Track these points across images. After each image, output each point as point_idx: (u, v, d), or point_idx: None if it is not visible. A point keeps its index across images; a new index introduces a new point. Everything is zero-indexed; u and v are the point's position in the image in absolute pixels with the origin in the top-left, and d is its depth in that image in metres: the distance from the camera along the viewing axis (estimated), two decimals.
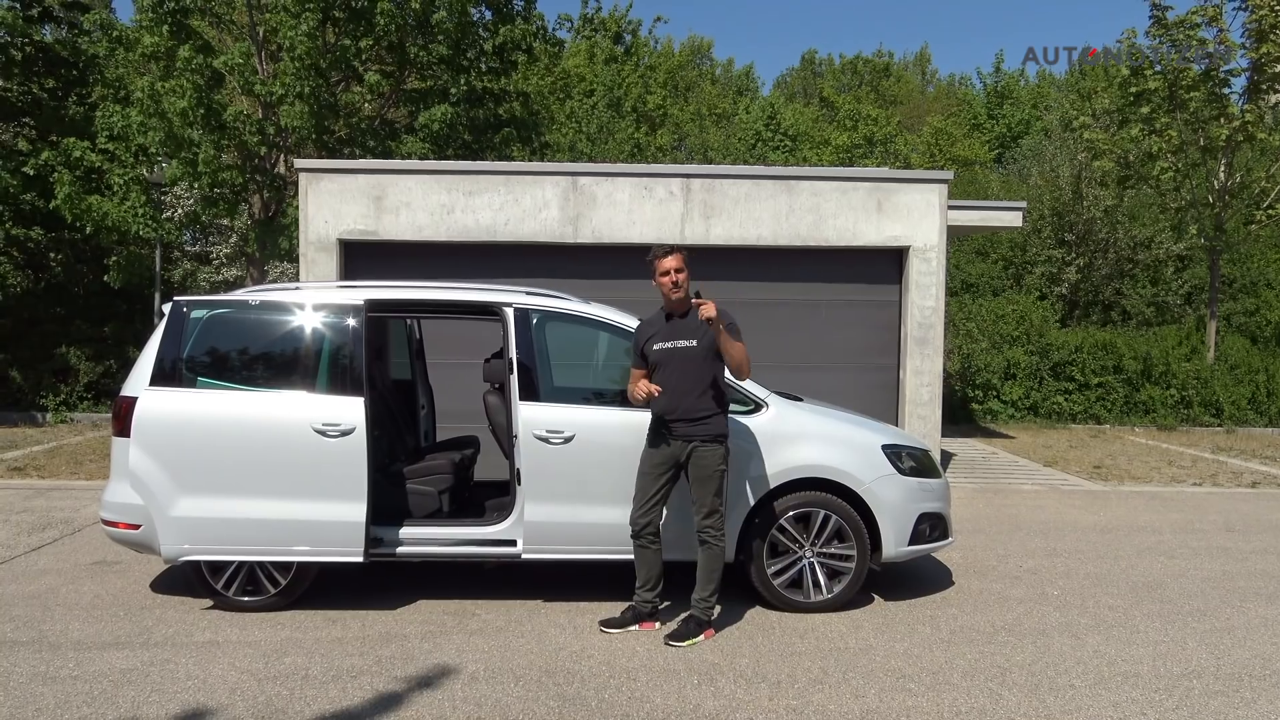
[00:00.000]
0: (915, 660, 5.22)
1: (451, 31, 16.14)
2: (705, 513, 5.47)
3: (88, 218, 14.73)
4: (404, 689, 4.71)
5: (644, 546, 5.58)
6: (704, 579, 5.51)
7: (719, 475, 5.45)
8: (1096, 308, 21.96)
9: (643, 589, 5.63)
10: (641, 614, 5.63)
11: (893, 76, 48.85)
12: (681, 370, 5.42)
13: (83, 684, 4.71)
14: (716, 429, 5.45)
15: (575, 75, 34.62)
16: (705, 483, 5.44)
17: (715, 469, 5.43)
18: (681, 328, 5.49)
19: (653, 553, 5.59)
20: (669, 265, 5.44)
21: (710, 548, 5.49)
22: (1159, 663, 5.24)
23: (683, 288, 5.48)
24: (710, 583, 5.50)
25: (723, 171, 10.87)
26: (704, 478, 5.44)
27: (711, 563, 5.50)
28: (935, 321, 10.67)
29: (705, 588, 5.51)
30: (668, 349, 5.45)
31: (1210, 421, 17.34)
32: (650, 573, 5.62)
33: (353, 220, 10.38)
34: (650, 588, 5.62)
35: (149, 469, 5.65)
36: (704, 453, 5.43)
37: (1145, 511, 9.53)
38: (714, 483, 5.44)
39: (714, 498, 5.45)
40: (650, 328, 5.62)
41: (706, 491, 5.45)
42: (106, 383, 16.55)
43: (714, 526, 5.47)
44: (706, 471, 5.43)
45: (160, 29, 14.45)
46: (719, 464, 5.44)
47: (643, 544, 5.57)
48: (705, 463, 5.43)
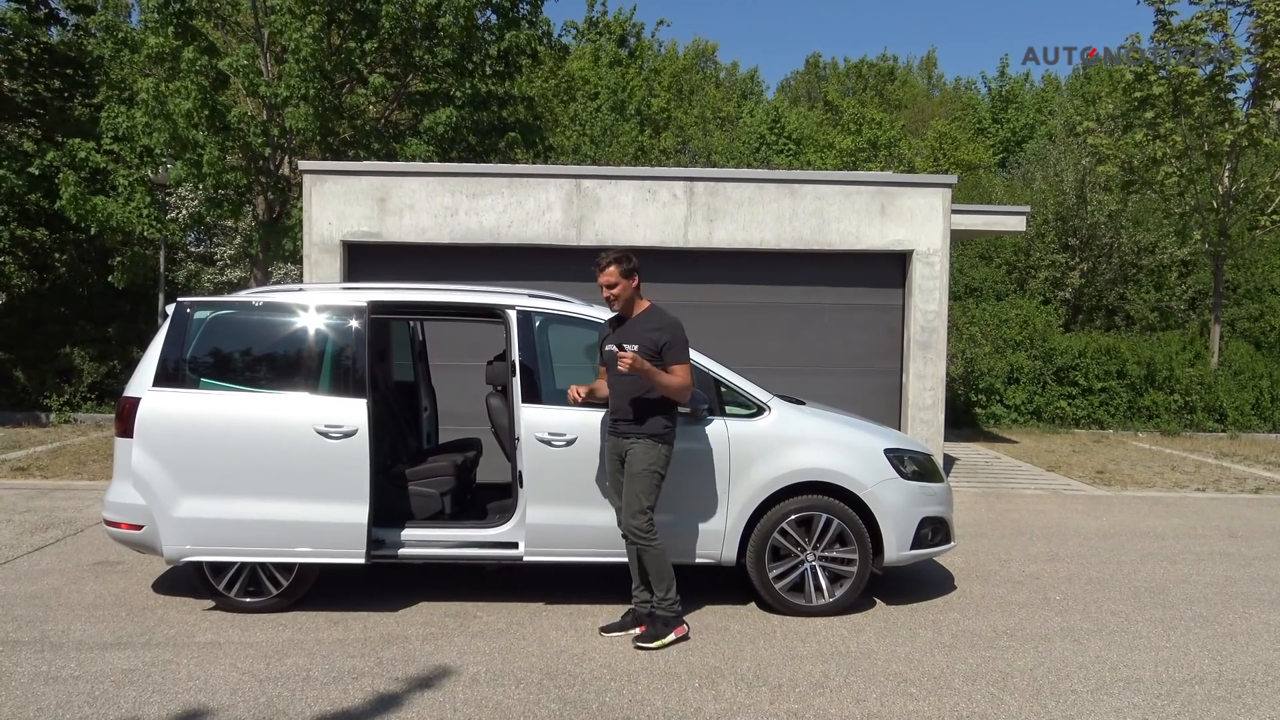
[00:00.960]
0: (917, 664, 5.21)
1: (457, 35, 16.16)
2: (632, 511, 5.42)
3: (92, 218, 14.75)
4: (405, 690, 4.71)
5: (628, 545, 5.57)
6: (654, 580, 5.46)
7: (650, 475, 5.38)
8: (1100, 312, 21.94)
9: (639, 590, 5.62)
10: (640, 616, 5.62)
11: (897, 80, 48.88)
12: (613, 372, 5.46)
13: (84, 684, 4.72)
14: (651, 429, 5.40)
15: (579, 78, 34.66)
16: (635, 480, 5.40)
17: (646, 468, 5.38)
18: (626, 331, 5.51)
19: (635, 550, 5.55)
20: (602, 281, 5.47)
21: (644, 550, 5.43)
22: (1161, 668, 5.23)
23: (620, 299, 5.48)
24: (662, 582, 5.44)
25: (726, 175, 10.88)
26: (634, 475, 5.40)
27: (653, 563, 5.43)
28: (938, 325, 10.67)
29: (659, 588, 5.45)
30: (614, 351, 5.47)
31: (1214, 427, 17.32)
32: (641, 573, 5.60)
33: (356, 222, 10.39)
34: (642, 588, 5.61)
35: (152, 470, 5.66)
36: (637, 450, 5.40)
37: (1148, 517, 9.52)
38: (643, 481, 5.38)
39: (642, 497, 5.39)
40: (608, 328, 5.69)
41: (634, 489, 5.40)
42: (110, 383, 16.58)
43: (640, 527, 5.40)
44: (637, 469, 5.39)
45: (165, 30, 14.48)
46: (651, 463, 5.38)
47: (626, 542, 5.57)
48: (637, 460, 5.40)
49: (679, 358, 5.40)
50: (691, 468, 5.87)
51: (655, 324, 5.45)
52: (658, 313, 5.53)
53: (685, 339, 5.47)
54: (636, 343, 5.39)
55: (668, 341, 5.37)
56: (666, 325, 5.43)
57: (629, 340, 5.44)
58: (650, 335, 5.40)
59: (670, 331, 5.41)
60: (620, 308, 5.55)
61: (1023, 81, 43.94)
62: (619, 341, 5.48)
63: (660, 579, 5.46)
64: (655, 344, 5.37)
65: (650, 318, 5.50)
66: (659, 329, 5.41)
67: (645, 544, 5.42)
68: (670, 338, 5.39)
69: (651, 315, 5.51)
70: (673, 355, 5.38)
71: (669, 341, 5.38)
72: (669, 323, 5.46)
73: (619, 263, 5.46)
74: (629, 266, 5.50)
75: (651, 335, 5.40)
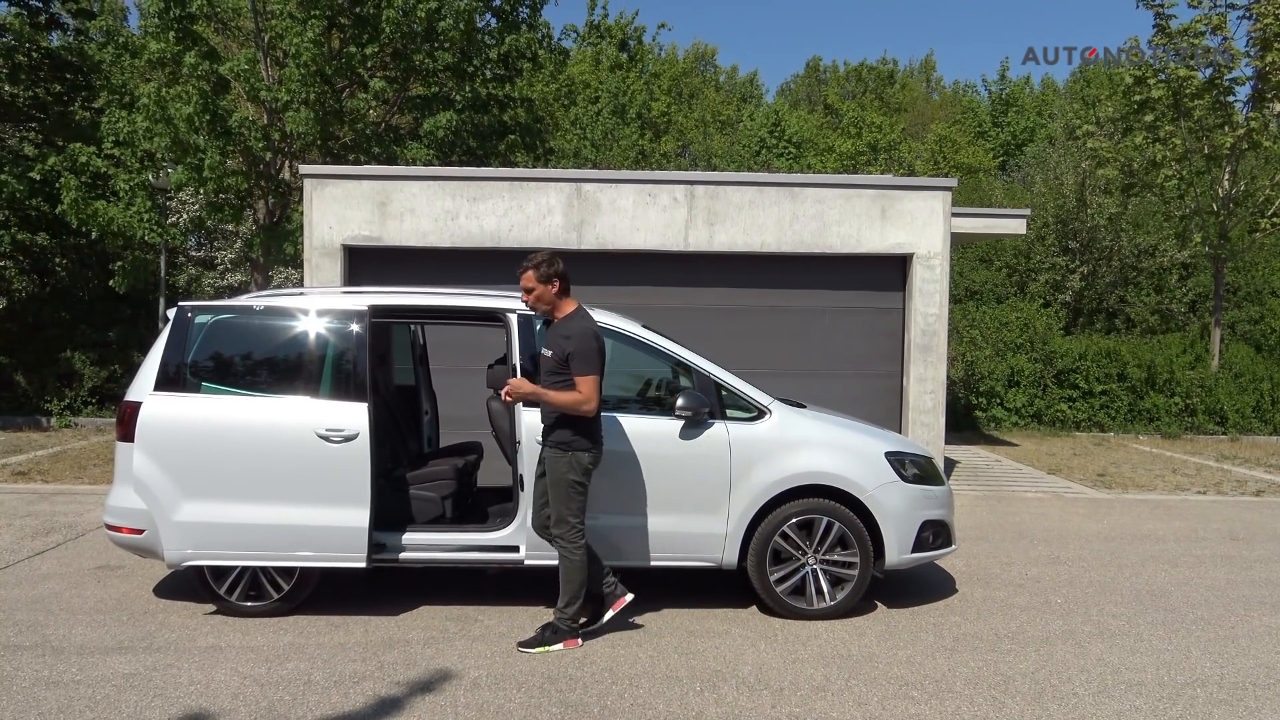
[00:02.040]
0: (918, 668, 5.21)
1: (457, 39, 16.18)
2: (554, 520, 5.38)
3: (93, 223, 14.76)
4: (406, 694, 4.71)
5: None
6: (563, 588, 5.39)
7: (568, 485, 5.31)
8: (1100, 315, 21.95)
9: (598, 586, 5.58)
10: (608, 595, 5.58)
11: (897, 84, 48.91)
12: (544, 377, 5.42)
13: (85, 689, 4.72)
14: (560, 437, 5.34)
15: (580, 82, 34.68)
16: (554, 489, 5.36)
17: (563, 477, 5.31)
18: (549, 336, 5.50)
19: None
20: (521, 285, 5.45)
21: (565, 559, 5.37)
22: (1163, 671, 5.23)
23: (539, 304, 5.46)
24: (568, 593, 5.37)
25: (727, 178, 10.88)
26: (553, 483, 5.37)
27: (569, 573, 5.37)
28: (939, 329, 10.67)
29: (564, 597, 5.38)
30: (540, 355, 5.49)
31: (1214, 429, 17.31)
32: (596, 568, 5.56)
33: (357, 226, 10.40)
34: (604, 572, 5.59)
35: (153, 474, 5.66)
36: (553, 459, 5.36)
37: (1149, 519, 9.51)
38: (561, 490, 5.32)
39: (562, 506, 5.33)
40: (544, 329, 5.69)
41: (556, 499, 5.36)
42: (111, 387, 16.58)
43: (563, 537, 5.35)
44: (554, 478, 5.36)
45: (166, 35, 14.50)
46: (567, 473, 5.31)
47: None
48: (554, 469, 5.36)
49: (582, 369, 5.22)
50: (693, 471, 5.87)
51: (567, 331, 5.33)
52: (573, 320, 5.40)
53: (594, 349, 5.27)
54: (551, 349, 5.36)
55: (572, 352, 5.24)
56: (575, 334, 5.29)
57: (547, 345, 5.42)
58: (560, 343, 5.32)
59: (577, 341, 5.25)
60: (542, 312, 5.53)
61: (1023, 85, 43.98)
62: (543, 345, 5.48)
63: (568, 589, 5.37)
64: (562, 352, 5.28)
65: (565, 324, 5.40)
66: (568, 337, 5.29)
67: (567, 553, 5.36)
68: (575, 348, 5.24)
69: (567, 322, 5.41)
70: (576, 366, 5.22)
71: (573, 352, 5.24)
72: (578, 331, 5.30)
73: (538, 267, 5.40)
74: (549, 271, 5.40)
75: (561, 343, 5.32)
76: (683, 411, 5.83)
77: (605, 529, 5.82)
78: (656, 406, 6.17)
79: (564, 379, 5.28)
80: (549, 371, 5.37)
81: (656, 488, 5.87)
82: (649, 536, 5.89)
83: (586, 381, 5.23)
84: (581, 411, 5.26)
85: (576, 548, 5.36)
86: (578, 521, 5.36)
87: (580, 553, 5.37)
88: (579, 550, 5.36)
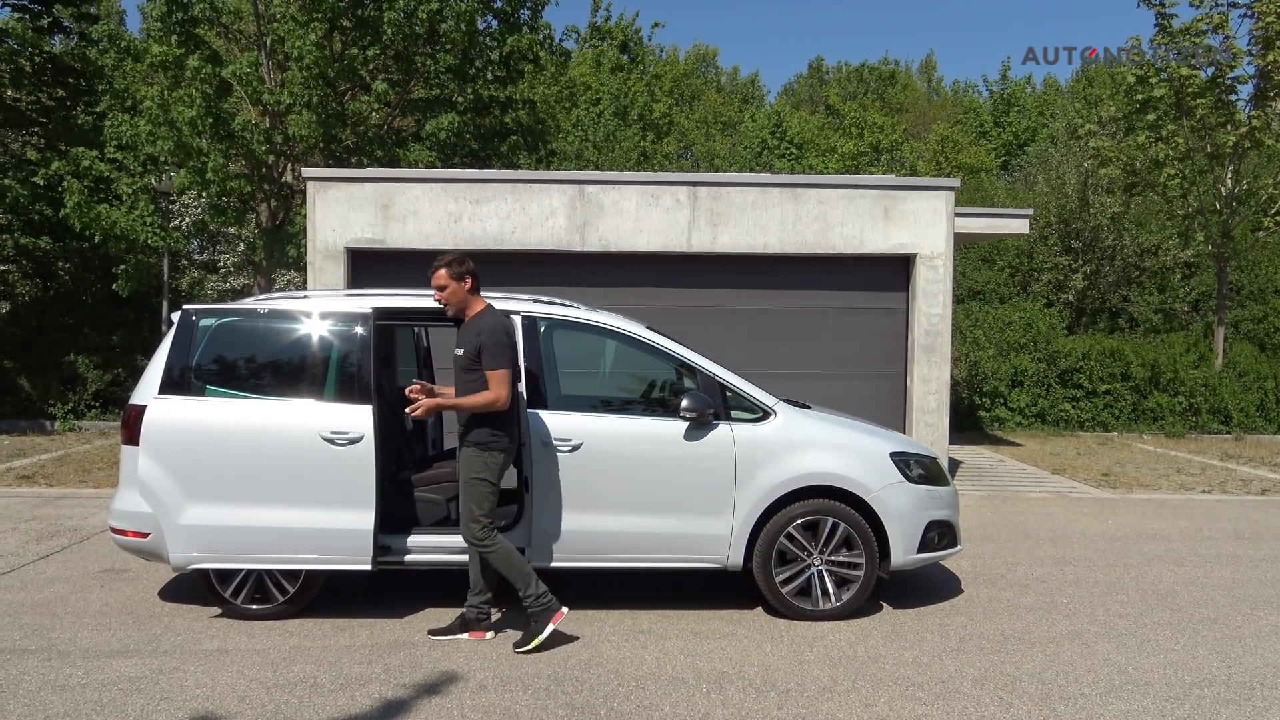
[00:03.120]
0: (924, 669, 5.20)
1: (459, 41, 16.20)
2: (466, 520, 5.38)
3: (96, 226, 14.79)
4: (412, 697, 4.70)
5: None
6: (513, 581, 5.39)
7: (478, 484, 5.32)
8: (1103, 315, 21.93)
9: (473, 594, 5.57)
10: (469, 620, 5.57)
11: (899, 84, 48.91)
12: (457, 376, 5.43)
13: (91, 692, 4.72)
14: (478, 437, 5.35)
15: (581, 84, 34.72)
16: (466, 488, 5.37)
17: (473, 475, 5.33)
18: (460, 334, 5.50)
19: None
20: (433, 284, 5.47)
21: (487, 555, 5.38)
22: (1170, 671, 5.22)
23: (451, 303, 5.46)
24: (520, 580, 5.36)
25: (729, 179, 10.88)
26: (466, 483, 5.37)
27: (503, 565, 5.37)
28: (942, 329, 10.66)
29: (520, 587, 5.36)
30: (454, 354, 5.48)
31: (1219, 429, 17.28)
32: (479, 577, 5.56)
33: (360, 229, 10.41)
34: (479, 591, 5.57)
35: (158, 477, 5.66)
36: (469, 458, 5.36)
37: (1154, 519, 9.50)
38: (472, 489, 5.33)
39: (474, 505, 5.33)
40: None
41: (467, 498, 5.36)
42: (115, 391, 16.60)
43: (473, 536, 5.36)
44: (467, 477, 5.36)
45: (169, 39, 14.52)
46: (481, 472, 5.32)
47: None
48: (465, 468, 5.38)
49: (494, 364, 5.27)
50: (697, 472, 5.86)
51: (477, 328, 5.36)
52: (483, 316, 5.44)
53: (505, 343, 5.33)
54: (463, 346, 5.37)
55: (483, 345, 5.28)
56: (486, 329, 5.32)
57: (459, 344, 5.42)
58: (472, 339, 5.34)
59: (488, 335, 5.29)
60: (453, 311, 5.52)
61: (1024, 84, 43.99)
62: (457, 343, 5.47)
63: (517, 579, 5.37)
64: (474, 348, 5.31)
65: (475, 321, 5.42)
66: (479, 333, 5.33)
67: (485, 551, 5.37)
68: (485, 341, 5.28)
69: (477, 319, 5.43)
70: (488, 360, 5.27)
71: (484, 345, 5.28)
72: (488, 326, 5.34)
73: (450, 266, 5.42)
74: (462, 269, 5.44)
75: (473, 339, 5.33)
76: (687, 413, 5.82)
77: (610, 531, 5.81)
78: (661, 408, 6.16)
79: (477, 376, 5.32)
80: (462, 369, 5.37)
81: (661, 489, 5.86)
82: (654, 538, 5.88)
83: (497, 376, 5.28)
84: (496, 408, 5.30)
85: (492, 541, 5.37)
86: (488, 520, 5.37)
87: (498, 544, 5.38)
88: (495, 543, 5.38)
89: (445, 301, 5.48)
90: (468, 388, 5.35)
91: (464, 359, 5.35)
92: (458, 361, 5.41)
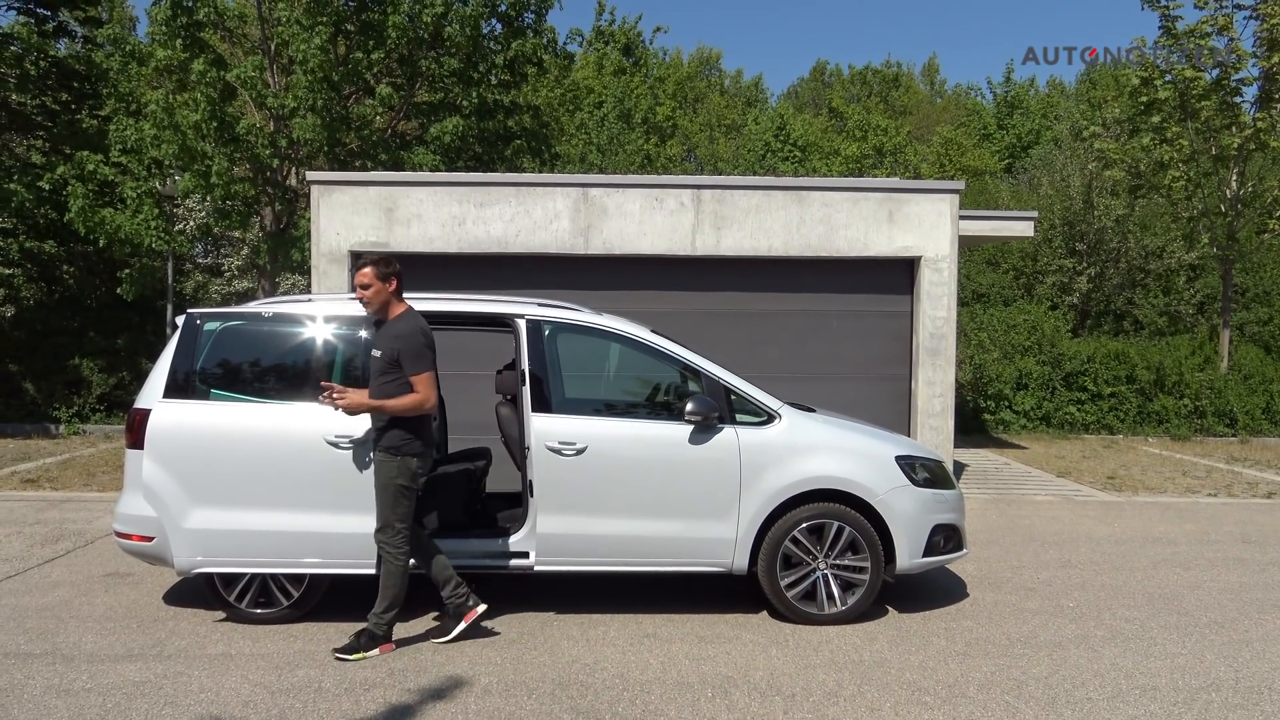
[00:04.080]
0: (930, 673, 5.18)
1: (463, 45, 16.20)
2: (379, 525, 5.34)
3: (100, 231, 14.80)
4: (416, 701, 4.69)
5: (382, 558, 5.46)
6: (382, 592, 5.36)
7: (393, 489, 5.29)
8: (1108, 317, 21.89)
9: (449, 594, 5.54)
10: (456, 611, 5.54)
11: (902, 87, 48.88)
12: (373, 379, 5.37)
13: (96, 696, 4.71)
14: (390, 441, 5.31)
15: (585, 87, 34.73)
16: (379, 494, 5.33)
17: (392, 481, 5.29)
18: (378, 336, 5.45)
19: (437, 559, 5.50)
20: (357, 282, 5.42)
21: (387, 563, 5.35)
22: (1177, 675, 5.20)
23: (373, 302, 5.41)
24: (386, 599, 5.34)
25: (733, 182, 10.87)
26: (378, 488, 5.33)
27: (390, 578, 5.34)
28: (947, 332, 10.64)
29: (381, 603, 5.35)
30: (372, 355, 5.42)
31: (1224, 432, 17.24)
32: (444, 576, 5.53)
33: (364, 232, 10.41)
34: (455, 587, 5.55)
35: (162, 481, 5.66)
36: (383, 463, 5.32)
37: (1160, 522, 9.47)
38: (387, 495, 5.29)
39: (388, 511, 5.29)
40: (372, 331, 5.62)
41: (381, 504, 5.32)
42: (119, 394, 16.62)
43: (388, 542, 5.32)
44: (382, 482, 5.32)
45: (174, 43, 14.54)
46: (396, 477, 5.29)
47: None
48: (379, 473, 5.33)
49: (417, 368, 5.26)
50: (702, 476, 5.85)
51: (397, 331, 5.34)
52: (403, 319, 5.41)
53: (424, 344, 5.32)
54: (381, 349, 5.33)
55: (403, 349, 5.27)
56: (405, 333, 5.31)
57: (376, 346, 5.39)
58: (391, 342, 5.31)
59: (407, 340, 5.28)
60: (375, 311, 5.48)
61: (1027, 87, 43.94)
62: (373, 346, 5.43)
63: (388, 594, 5.35)
64: (393, 351, 5.29)
65: (395, 324, 5.39)
66: (398, 336, 5.31)
67: (392, 558, 5.34)
68: (404, 345, 5.27)
69: (398, 321, 5.41)
70: (410, 365, 5.26)
71: (404, 350, 5.26)
72: (407, 330, 5.33)
73: (377, 265, 5.40)
74: (388, 270, 5.43)
75: (392, 343, 5.31)
76: (692, 416, 5.81)
77: (615, 534, 5.80)
78: (665, 411, 6.16)
79: (395, 379, 5.29)
80: (379, 372, 5.33)
81: (666, 493, 5.85)
82: (659, 542, 5.86)
83: (422, 379, 5.28)
84: (424, 410, 5.31)
85: (401, 553, 5.35)
86: (404, 527, 5.34)
87: (404, 558, 5.37)
88: (404, 556, 5.36)
89: (367, 300, 5.42)
90: (384, 390, 5.30)
91: (382, 362, 5.30)
92: (375, 364, 5.35)
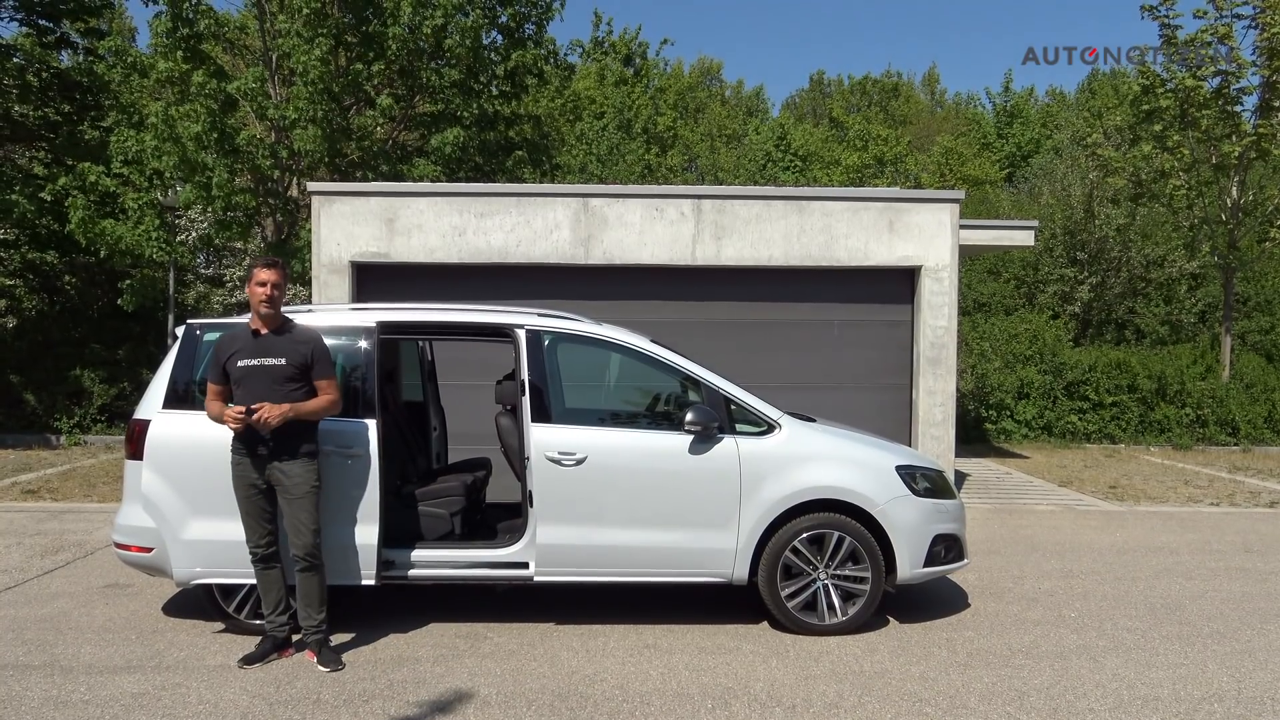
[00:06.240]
0: (931, 684, 5.16)
1: (463, 56, 16.26)
2: (306, 534, 5.28)
3: (101, 241, 14.84)
4: (417, 713, 4.68)
5: (267, 569, 5.41)
6: (306, 602, 5.33)
7: (313, 495, 5.29)
8: (1110, 326, 21.87)
9: (273, 614, 5.44)
10: (279, 641, 5.46)
11: (901, 97, 48.99)
12: (268, 389, 5.21)
13: (94, 708, 4.70)
14: (308, 447, 5.31)
15: (585, 97, 34.81)
16: (300, 501, 5.27)
17: (308, 485, 5.28)
18: (272, 345, 5.31)
19: (276, 574, 5.42)
20: (266, 277, 5.24)
21: (307, 573, 5.32)
22: (1179, 686, 5.17)
23: (276, 304, 5.33)
24: (310, 605, 5.33)
25: (734, 192, 10.89)
26: (298, 497, 5.27)
27: (320, 587, 5.35)
28: (948, 341, 10.64)
29: (315, 614, 5.33)
30: (253, 366, 5.24)
31: (1226, 440, 17.21)
32: (278, 596, 5.44)
33: (365, 243, 10.42)
34: (281, 611, 5.46)
35: (162, 492, 5.66)
36: (299, 470, 5.28)
37: (1162, 532, 9.44)
38: (309, 502, 5.28)
39: (307, 517, 5.27)
40: (234, 343, 5.32)
41: (301, 511, 5.27)
42: (120, 405, 16.61)
43: (311, 552, 5.29)
44: (300, 491, 5.27)
45: (175, 54, 14.60)
46: (312, 480, 5.30)
47: (266, 567, 5.40)
48: (301, 481, 5.28)
49: (327, 372, 5.35)
50: (702, 486, 5.84)
51: (303, 338, 5.34)
52: (304, 329, 5.44)
53: (328, 350, 5.41)
54: (285, 357, 5.26)
55: (313, 355, 5.29)
56: (313, 340, 5.35)
57: (277, 354, 5.25)
58: (299, 349, 5.29)
59: (314, 346, 5.33)
60: (273, 316, 5.31)
61: (1026, 96, 44.02)
62: (260, 356, 5.25)
63: (322, 603, 5.36)
64: (302, 358, 5.27)
65: (299, 332, 5.38)
66: (305, 342, 5.31)
67: (314, 569, 5.33)
68: (315, 351, 5.32)
69: (299, 331, 5.39)
70: (320, 370, 5.32)
71: (314, 355, 5.30)
72: (313, 337, 5.37)
73: (282, 269, 5.36)
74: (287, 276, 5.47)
75: (300, 349, 5.29)
76: (692, 426, 5.80)
77: (615, 545, 5.79)
78: (665, 421, 6.15)
79: (301, 387, 5.27)
80: (285, 379, 5.23)
81: (666, 503, 5.83)
82: (659, 552, 5.85)
83: (332, 384, 5.39)
84: (335, 413, 5.44)
85: (319, 557, 5.36)
86: (318, 529, 5.35)
87: (323, 563, 5.40)
88: (322, 561, 5.39)
89: (272, 300, 5.26)
90: (293, 397, 5.24)
91: (288, 369, 5.24)
92: (276, 371, 5.22)
